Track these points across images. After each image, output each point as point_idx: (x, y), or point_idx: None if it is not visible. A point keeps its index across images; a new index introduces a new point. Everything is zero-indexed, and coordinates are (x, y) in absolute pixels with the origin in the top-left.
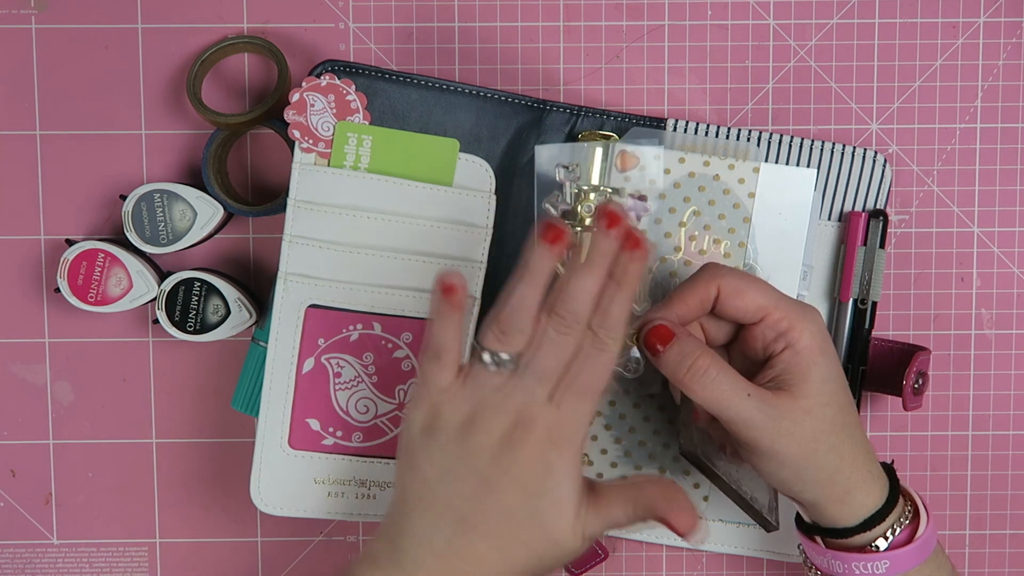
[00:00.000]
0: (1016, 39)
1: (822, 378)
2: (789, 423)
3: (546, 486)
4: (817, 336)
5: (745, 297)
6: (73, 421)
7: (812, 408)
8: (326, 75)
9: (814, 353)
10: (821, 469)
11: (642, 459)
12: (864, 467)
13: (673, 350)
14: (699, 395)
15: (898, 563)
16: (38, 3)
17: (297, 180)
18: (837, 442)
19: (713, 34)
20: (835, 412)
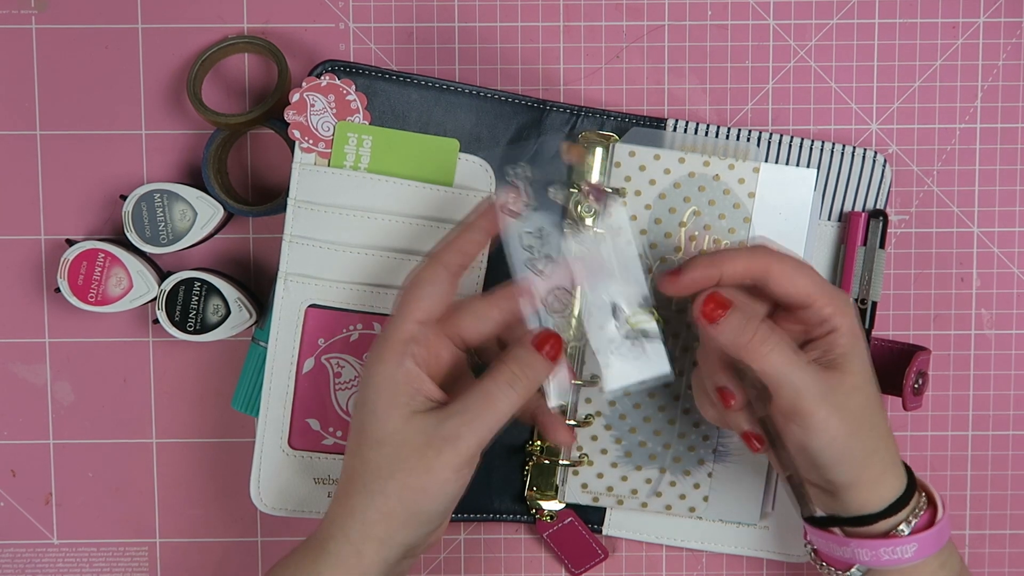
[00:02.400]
0: (1016, 39)
1: (864, 359)
2: (842, 396)
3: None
4: (856, 322)
5: (796, 283)
6: (73, 421)
7: (860, 385)
8: (326, 75)
9: (855, 336)
10: (865, 446)
11: (643, 459)
12: (894, 452)
13: (735, 316)
14: (762, 362)
15: (924, 547)
16: (38, 3)
17: (297, 180)
18: (877, 422)
19: (713, 34)
20: (874, 395)
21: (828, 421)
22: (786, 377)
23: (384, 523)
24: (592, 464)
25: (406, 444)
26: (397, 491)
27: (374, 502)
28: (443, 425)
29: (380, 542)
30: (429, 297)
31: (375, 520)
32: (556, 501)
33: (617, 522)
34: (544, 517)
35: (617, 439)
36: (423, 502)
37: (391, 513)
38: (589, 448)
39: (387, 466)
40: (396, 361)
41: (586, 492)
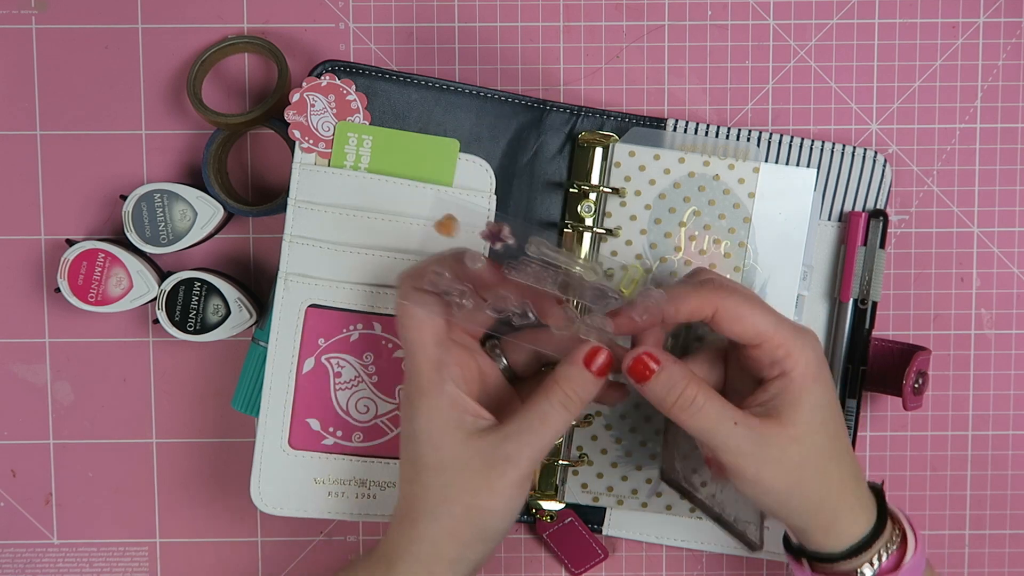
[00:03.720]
0: (1016, 39)
1: (813, 406)
2: (776, 451)
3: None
4: (812, 363)
5: (744, 323)
6: (73, 421)
7: (800, 436)
8: (326, 75)
9: (807, 381)
10: (807, 498)
11: (643, 459)
12: (852, 494)
13: (660, 380)
14: (687, 424)
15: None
16: (38, 3)
17: (297, 180)
18: (825, 470)
19: (713, 34)
20: (824, 440)
21: (759, 477)
22: (714, 438)
23: (454, 544)
24: (592, 464)
25: (467, 467)
26: (464, 513)
27: (443, 525)
28: (502, 446)
29: (451, 562)
30: (428, 319)
31: (445, 542)
32: (556, 501)
33: (617, 522)
34: (544, 517)
35: (617, 439)
36: (490, 521)
37: (460, 534)
38: (589, 448)
39: (451, 490)
40: (437, 390)
41: (586, 492)
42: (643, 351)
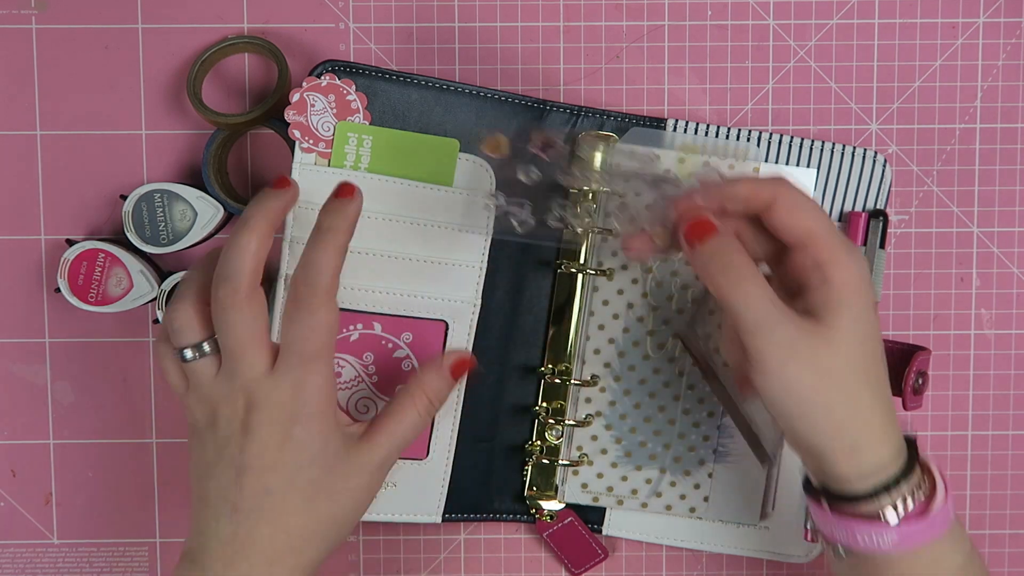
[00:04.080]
0: (1016, 39)
1: (854, 318)
2: (807, 348)
3: (298, 459)
4: (856, 277)
5: (799, 215)
6: (73, 421)
7: (836, 341)
8: (326, 75)
9: (849, 291)
10: (831, 412)
11: (643, 459)
12: (880, 426)
13: (710, 244)
14: (723, 289)
15: (906, 538)
16: (38, 3)
17: (297, 180)
18: (855, 389)
19: (713, 34)
20: (860, 357)
21: (783, 370)
22: (747, 312)
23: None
24: (592, 464)
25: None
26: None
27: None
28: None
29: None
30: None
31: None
32: (556, 501)
33: (617, 522)
34: (544, 517)
35: (617, 439)
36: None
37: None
38: (589, 448)
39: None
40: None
41: (586, 492)
42: (702, 216)
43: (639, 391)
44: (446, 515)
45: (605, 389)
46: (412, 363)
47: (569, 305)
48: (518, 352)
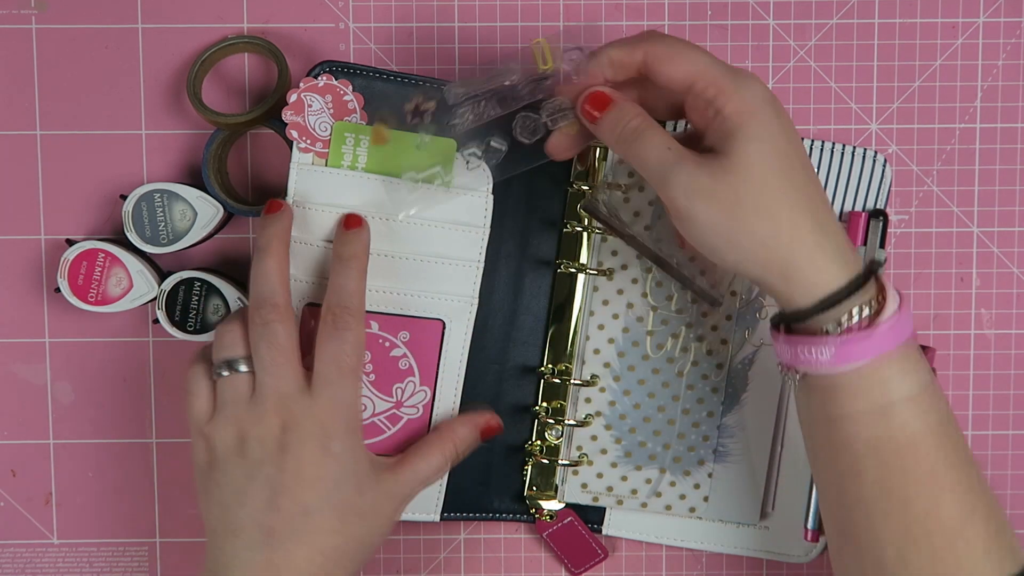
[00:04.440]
0: (1016, 39)
1: (750, 138)
2: (708, 182)
3: (335, 474)
4: (749, 100)
5: (673, 63)
6: (73, 421)
7: (734, 168)
8: (323, 76)
9: (743, 116)
10: (752, 235)
11: (643, 459)
12: (811, 240)
13: (610, 115)
14: (626, 151)
15: (845, 351)
16: (38, 3)
17: (295, 180)
18: (770, 207)
19: (713, 34)
20: (767, 174)
21: (691, 209)
22: (646, 166)
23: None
24: (592, 464)
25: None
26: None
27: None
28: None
29: None
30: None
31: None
32: (556, 501)
33: (617, 522)
34: (544, 517)
35: (617, 439)
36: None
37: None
38: (589, 448)
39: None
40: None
41: (586, 492)
42: (596, 89)
43: (639, 391)
44: (445, 514)
45: (605, 389)
46: (409, 362)
47: (569, 305)
48: (518, 352)
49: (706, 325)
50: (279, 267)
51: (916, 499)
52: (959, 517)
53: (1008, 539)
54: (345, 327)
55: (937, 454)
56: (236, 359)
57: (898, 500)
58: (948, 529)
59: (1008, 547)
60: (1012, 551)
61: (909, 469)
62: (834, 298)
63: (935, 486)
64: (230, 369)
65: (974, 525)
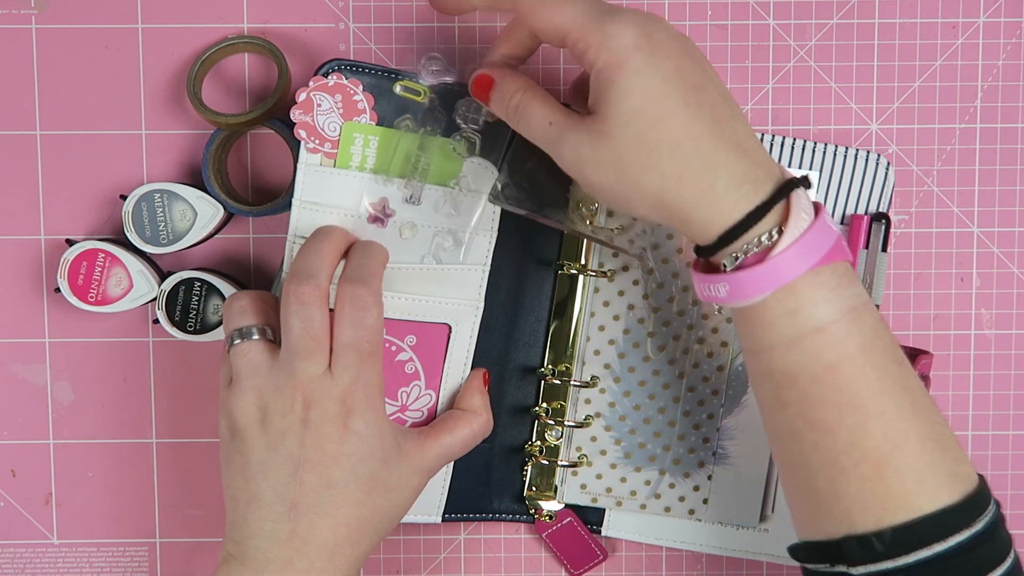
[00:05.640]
0: (1016, 39)
1: (621, 94)
2: (590, 147)
3: (359, 450)
4: (618, 50)
5: (542, 16)
6: (73, 421)
7: (611, 130)
8: (333, 74)
9: (610, 70)
10: (643, 190)
11: (643, 461)
12: (703, 182)
13: (495, 96)
14: (517, 126)
15: (739, 288)
16: (38, 3)
17: (302, 180)
18: (651, 161)
19: (713, 34)
20: (642, 129)
21: (582, 176)
22: (540, 138)
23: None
24: (591, 465)
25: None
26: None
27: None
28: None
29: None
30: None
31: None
32: (555, 501)
33: (616, 523)
34: (543, 517)
35: (617, 440)
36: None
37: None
38: (588, 449)
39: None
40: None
41: (585, 493)
42: (478, 73)
43: (639, 393)
44: (446, 515)
45: (605, 390)
46: (415, 366)
47: (570, 306)
48: (518, 352)
49: (707, 327)
50: (333, 252)
51: (839, 429)
52: (887, 446)
53: (948, 465)
54: (363, 308)
55: (859, 382)
56: (246, 327)
57: (822, 430)
58: (875, 459)
59: (948, 474)
60: (953, 477)
61: (828, 399)
62: (730, 235)
63: (857, 415)
64: (242, 337)
65: (904, 453)
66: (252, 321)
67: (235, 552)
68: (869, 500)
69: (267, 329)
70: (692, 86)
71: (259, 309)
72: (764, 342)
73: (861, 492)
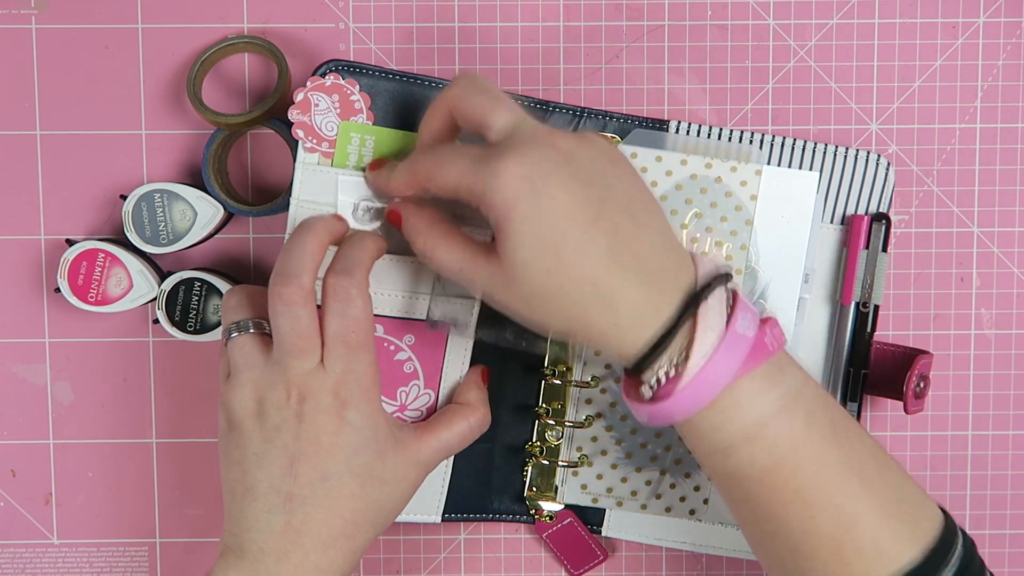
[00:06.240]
0: (1016, 39)
1: (515, 244)
2: (500, 284)
3: (353, 442)
4: (501, 205)
5: (434, 181)
6: (73, 421)
7: (512, 278)
8: (331, 75)
9: (500, 222)
10: (555, 328)
11: (643, 461)
12: (602, 318)
13: (405, 232)
14: (427, 260)
15: (658, 414)
16: (38, 3)
17: (300, 180)
18: (556, 306)
19: (713, 34)
20: (540, 276)
21: (504, 307)
22: (452, 276)
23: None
24: (592, 465)
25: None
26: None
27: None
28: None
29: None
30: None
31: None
32: (555, 502)
33: (616, 523)
34: (543, 517)
35: (618, 440)
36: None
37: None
38: (589, 449)
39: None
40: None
41: (585, 493)
42: (389, 208)
43: None
44: (446, 515)
45: (606, 391)
46: (414, 365)
47: None
48: (518, 352)
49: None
50: (317, 249)
51: (790, 520)
52: (840, 530)
53: (908, 522)
54: (347, 299)
55: (800, 477)
56: (243, 321)
57: (777, 522)
58: (830, 545)
59: (909, 532)
60: (915, 531)
61: (774, 497)
62: (640, 364)
63: (805, 508)
64: (238, 331)
65: (860, 532)
66: (248, 315)
67: (232, 544)
68: (839, 574)
69: (263, 323)
70: (583, 222)
71: (255, 303)
72: (699, 451)
73: (826, 571)
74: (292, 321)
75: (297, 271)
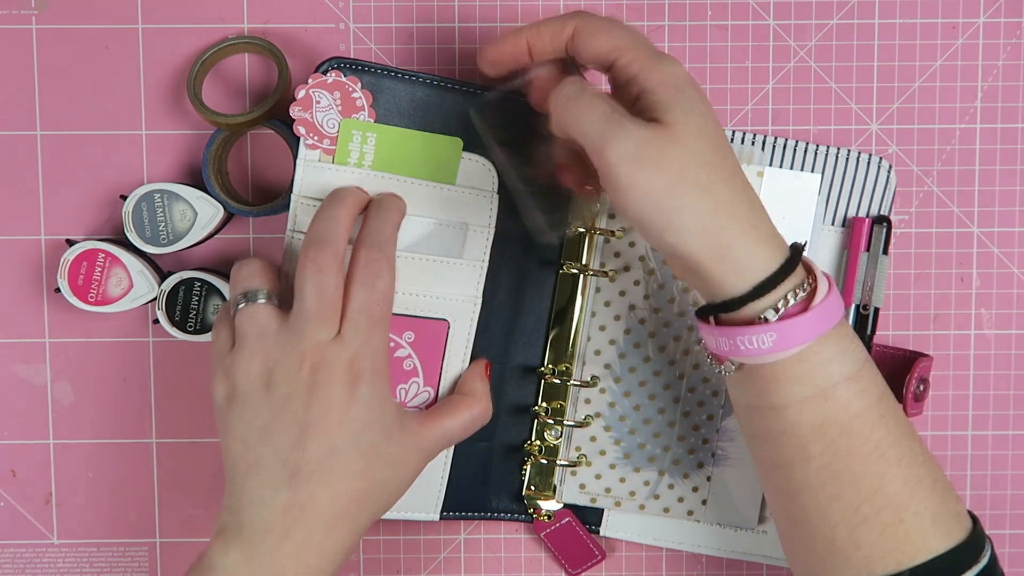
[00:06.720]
0: (1016, 39)
1: (686, 110)
2: (654, 150)
3: (363, 417)
4: (672, 77)
5: (598, 38)
6: (73, 421)
7: (680, 137)
8: (332, 72)
9: (668, 89)
10: (693, 211)
11: (642, 461)
12: (747, 221)
13: (557, 92)
14: (569, 120)
15: (786, 336)
16: (38, 3)
17: (301, 176)
18: (710, 184)
19: (713, 34)
20: (707, 149)
21: (635, 180)
22: (595, 130)
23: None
24: (590, 465)
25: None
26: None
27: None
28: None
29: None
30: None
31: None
32: (554, 501)
33: (615, 523)
34: (542, 517)
35: (616, 440)
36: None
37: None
38: (588, 449)
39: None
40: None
41: (584, 493)
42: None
43: (639, 393)
44: (444, 513)
45: (605, 390)
46: (414, 362)
47: (571, 305)
48: (518, 352)
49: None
50: (348, 218)
51: (863, 478)
52: (906, 491)
53: (953, 505)
54: (376, 273)
55: (880, 430)
56: (254, 290)
57: (846, 481)
58: (896, 504)
59: (954, 513)
60: (958, 517)
61: (855, 449)
62: (769, 283)
63: (881, 462)
64: (247, 300)
65: (920, 497)
66: (260, 284)
67: (230, 522)
68: (890, 545)
69: (273, 295)
70: (725, 138)
71: (267, 275)
72: (790, 396)
73: (882, 538)
74: (319, 287)
75: (331, 237)
